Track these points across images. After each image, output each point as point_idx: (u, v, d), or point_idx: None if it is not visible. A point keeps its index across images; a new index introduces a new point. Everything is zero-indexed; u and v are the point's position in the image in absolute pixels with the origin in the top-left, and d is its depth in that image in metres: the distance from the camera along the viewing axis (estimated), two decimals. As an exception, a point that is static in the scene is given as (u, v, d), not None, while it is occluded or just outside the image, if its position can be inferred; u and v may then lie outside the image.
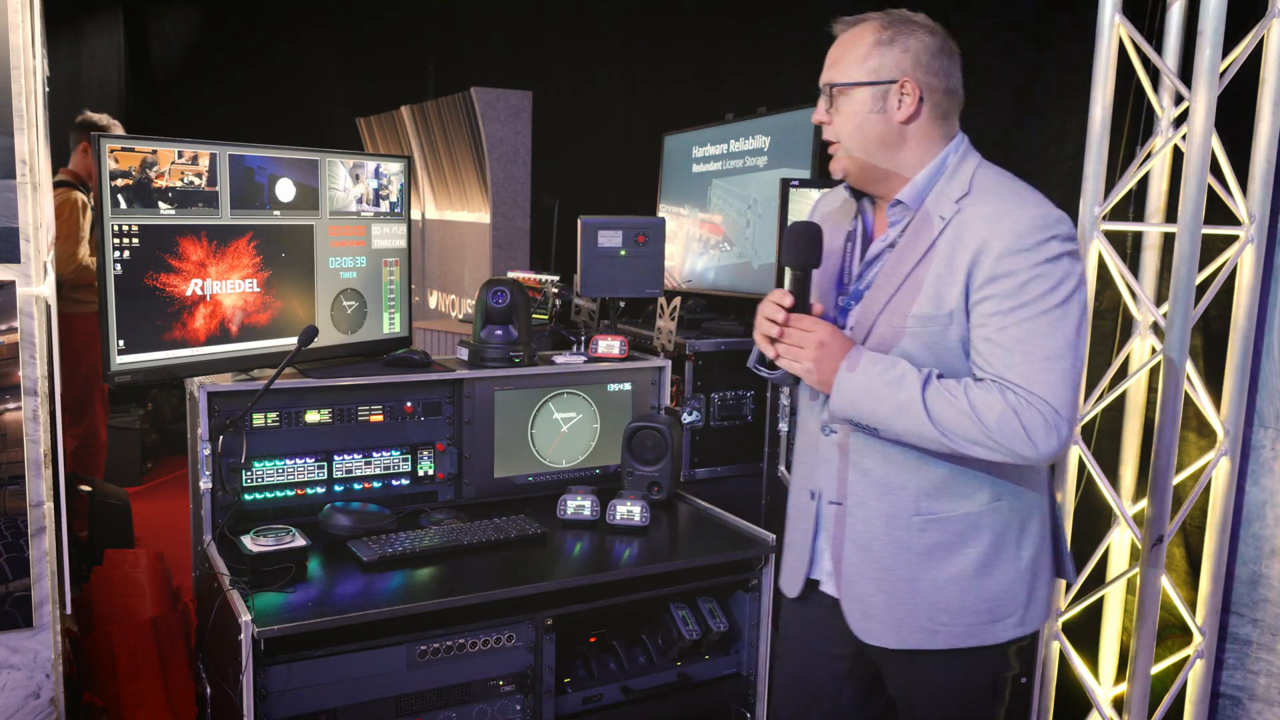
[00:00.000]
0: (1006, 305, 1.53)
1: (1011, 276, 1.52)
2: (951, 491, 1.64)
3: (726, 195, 4.03)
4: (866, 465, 1.67)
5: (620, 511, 2.37)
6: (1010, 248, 1.53)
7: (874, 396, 1.56)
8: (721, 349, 3.16)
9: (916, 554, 1.65)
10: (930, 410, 1.53)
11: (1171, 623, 2.65)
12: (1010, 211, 1.55)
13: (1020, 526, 1.67)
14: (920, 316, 1.59)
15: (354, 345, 2.59)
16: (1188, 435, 2.63)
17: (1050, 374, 1.51)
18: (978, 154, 1.68)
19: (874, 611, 1.68)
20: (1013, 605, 1.66)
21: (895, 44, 1.61)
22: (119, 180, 2.03)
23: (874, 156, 1.65)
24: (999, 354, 1.53)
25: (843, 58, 1.65)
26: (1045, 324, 1.52)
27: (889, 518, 1.66)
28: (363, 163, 2.56)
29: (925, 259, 1.60)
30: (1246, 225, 2.44)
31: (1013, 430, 1.50)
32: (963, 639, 1.66)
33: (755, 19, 4.52)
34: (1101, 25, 2.55)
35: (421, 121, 6.29)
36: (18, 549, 1.98)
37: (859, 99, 1.63)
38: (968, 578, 1.64)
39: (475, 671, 2.08)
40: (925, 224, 1.63)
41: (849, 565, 1.70)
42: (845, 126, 1.65)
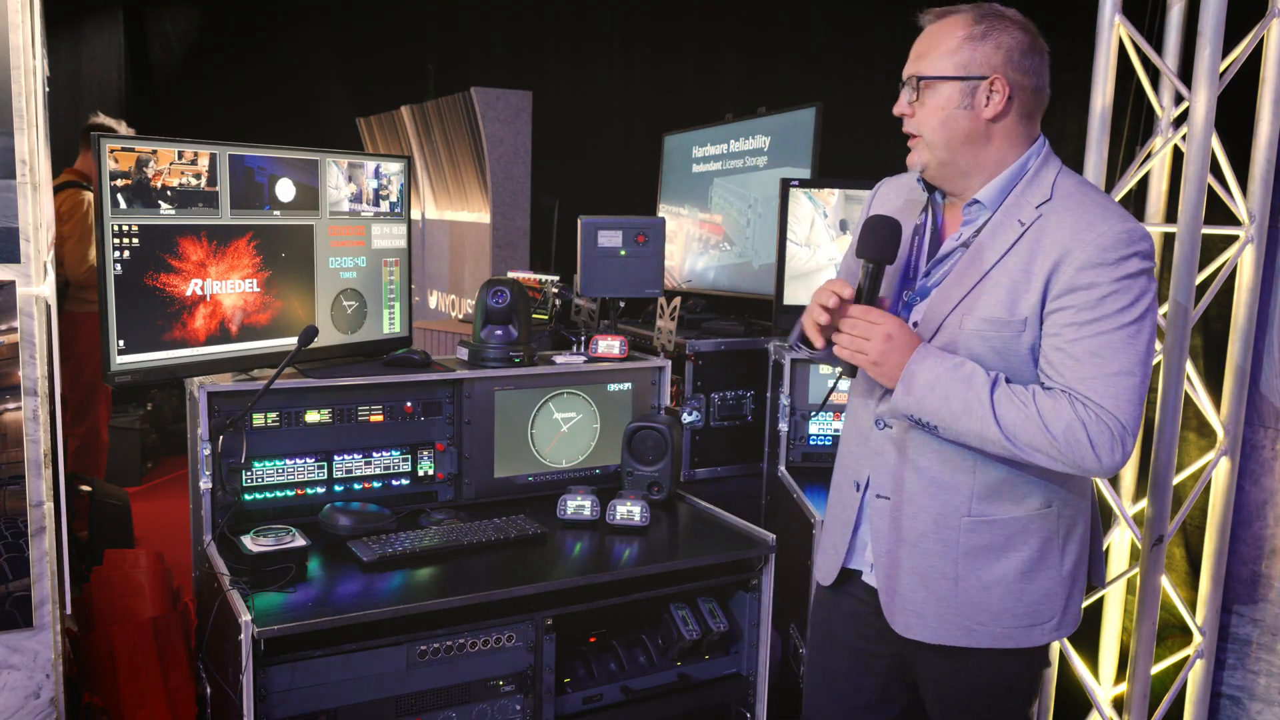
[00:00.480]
0: (1084, 317, 1.51)
1: (1092, 289, 1.51)
2: (1004, 495, 1.62)
3: (727, 195, 4.04)
4: (921, 463, 1.65)
5: (620, 511, 2.37)
6: (1093, 260, 1.51)
7: (939, 395, 1.55)
8: (721, 349, 3.16)
9: (963, 554, 1.64)
10: (998, 414, 1.52)
11: (1171, 623, 2.65)
12: (1095, 223, 1.53)
13: (1066, 533, 1.66)
14: (993, 320, 1.57)
15: (354, 345, 2.59)
16: (1188, 435, 2.63)
17: (1121, 389, 1.50)
18: (1058, 159, 1.66)
19: (913, 606, 1.68)
20: (1052, 610, 1.66)
21: (988, 39, 1.57)
22: (118, 180, 2.03)
23: (957, 153, 1.61)
24: (1071, 365, 1.52)
25: (931, 49, 1.60)
26: (1120, 339, 1.51)
27: (939, 517, 1.65)
28: (360, 162, 2.56)
29: (1002, 262, 1.58)
30: (1246, 225, 2.44)
31: (1078, 441, 1.49)
32: (1000, 640, 1.65)
33: (755, 19, 4.52)
34: (1101, 25, 2.55)
35: (421, 121, 6.29)
36: (18, 549, 1.98)
37: (947, 93, 1.59)
38: (1011, 581, 1.63)
39: (475, 671, 2.08)
40: (1003, 226, 1.60)
41: (892, 559, 1.69)
42: (930, 120, 1.60)
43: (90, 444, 4.35)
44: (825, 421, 2.86)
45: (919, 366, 1.56)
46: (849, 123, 3.57)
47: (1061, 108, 3.02)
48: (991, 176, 1.63)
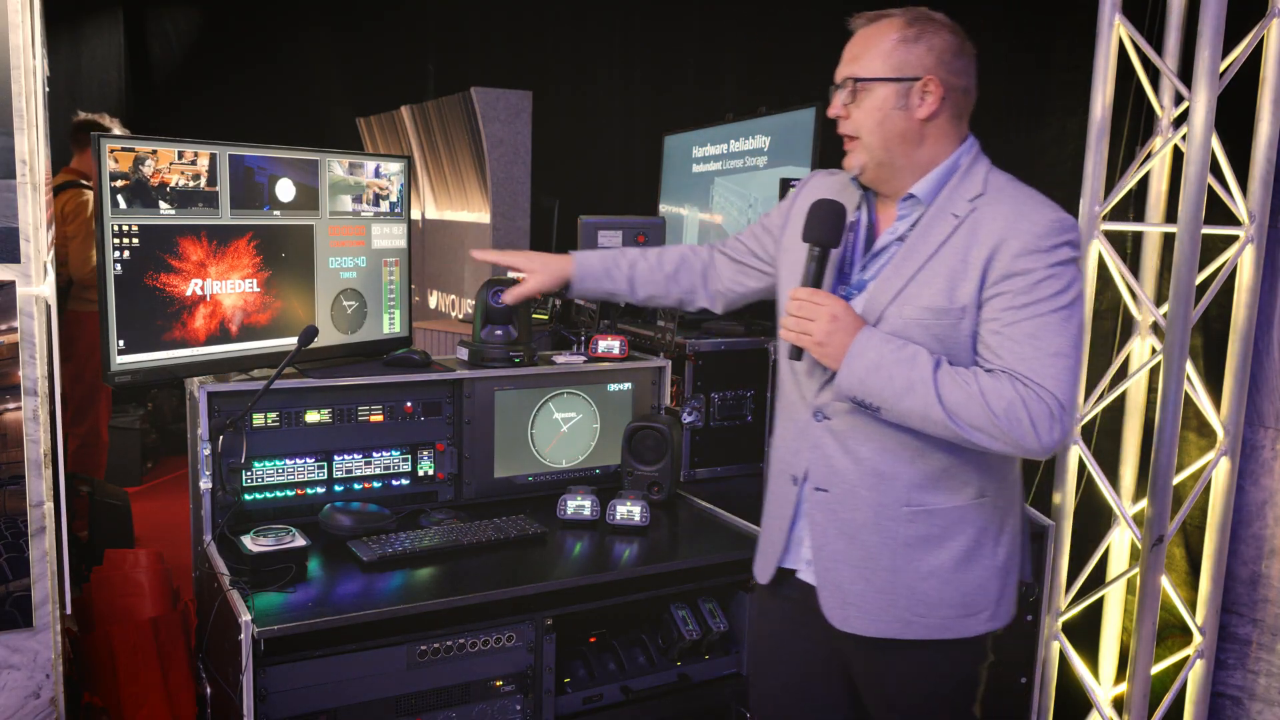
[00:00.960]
0: (1020, 301, 1.56)
1: (1028, 275, 1.56)
2: (943, 485, 1.66)
3: (727, 195, 4.03)
4: (861, 454, 1.68)
5: (620, 511, 2.37)
6: (1028, 247, 1.56)
7: (884, 374, 1.57)
8: (721, 349, 3.15)
9: (902, 544, 1.67)
10: (940, 391, 1.55)
11: (1171, 623, 2.65)
12: (1029, 213, 1.59)
13: (1000, 523, 1.71)
14: (933, 308, 1.61)
15: (354, 345, 2.59)
16: (1188, 435, 2.63)
17: (1058, 369, 1.54)
18: (986, 158, 1.71)
19: (852, 599, 1.70)
20: (986, 601, 1.70)
21: (920, 41, 1.63)
22: (117, 180, 2.03)
23: (893, 153, 1.66)
24: (1010, 347, 1.56)
25: (865, 53, 1.65)
26: (1055, 322, 1.55)
27: (879, 507, 1.67)
28: (360, 162, 2.56)
29: (939, 253, 1.63)
30: (1246, 225, 2.44)
31: (1019, 420, 1.52)
32: (937, 631, 1.68)
33: (755, 19, 4.52)
34: (1101, 25, 2.55)
35: (421, 121, 6.29)
36: (18, 549, 1.98)
37: (882, 95, 1.64)
38: (948, 571, 1.67)
39: (475, 671, 2.08)
40: (938, 220, 1.65)
41: (830, 552, 1.72)
42: (867, 122, 1.65)
43: (90, 444, 4.35)
44: (825, 421, 2.86)
45: (863, 346, 1.60)
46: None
47: (1062, 107, 3.02)
48: (924, 174, 1.68)
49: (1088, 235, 2.63)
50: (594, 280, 2.11)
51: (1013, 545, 1.73)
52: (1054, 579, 2.72)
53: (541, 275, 2.11)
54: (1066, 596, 2.77)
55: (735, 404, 3.19)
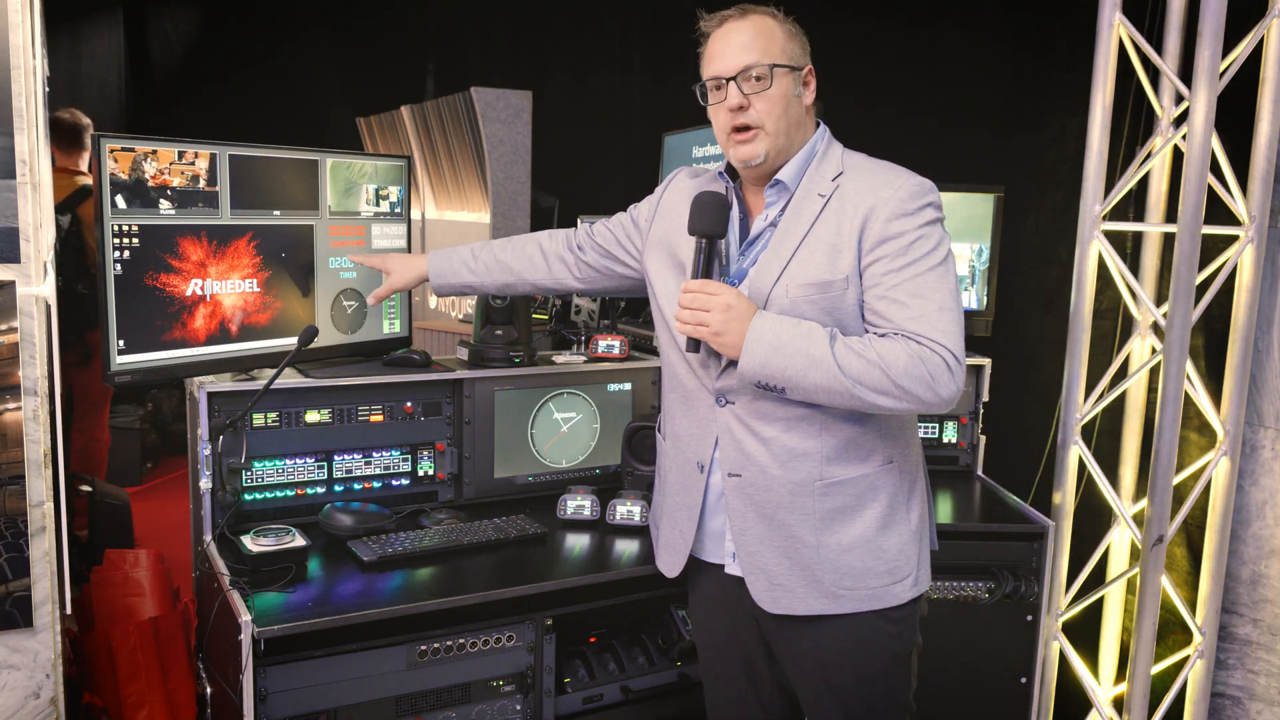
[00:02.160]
0: (898, 264, 1.63)
1: (900, 238, 1.63)
2: (851, 455, 1.70)
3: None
4: (768, 434, 1.70)
5: (620, 511, 2.37)
6: (895, 212, 1.64)
7: (785, 354, 1.60)
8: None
9: (820, 518, 1.70)
10: (840, 362, 1.58)
11: (1171, 623, 2.65)
12: (890, 181, 1.67)
13: (909, 488, 1.77)
14: (818, 283, 1.66)
15: (354, 345, 2.59)
16: (1188, 435, 2.63)
17: (946, 323, 1.60)
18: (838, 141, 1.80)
19: (779, 580, 1.73)
20: (908, 566, 1.75)
21: (797, 34, 1.74)
22: (118, 180, 2.03)
23: (791, 138, 1.73)
24: (896, 308, 1.62)
25: (759, 42, 1.69)
26: (934, 278, 1.62)
27: (794, 485, 1.70)
28: (361, 162, 2.55)
29: (812, 230, 1.69)
30: (1246, 225, 2.44)
31: (918, 376, 1.57)
32: (867, 602, 1.72)
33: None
34: (1101, 25, 2.55)
35: (421, 121, 6.29)
36: (18, 549, 1.98)
37: (787, 82, 1.70)
38: (870, 538, 1.71)
39: (475, 671, 2.08)
40: (805, 201, 1.71)
41: (752, 537, 1.74)
42: (774, 110, 1.69)
43: (96, 440, 4.37)
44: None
45: (759, 331, 1.62)
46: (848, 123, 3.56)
47: (1062, 108, 3.02)
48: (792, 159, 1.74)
49: (1088, 235, 2.63)
50: (451, 274, 2.20)
51: (923, 510, 1.79)
52: (1054, 579, 2.72)
53: (398, 275, 2.25)
54: (1066, 596, 2.77)
55: (735, 404, 3.19)
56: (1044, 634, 2.59)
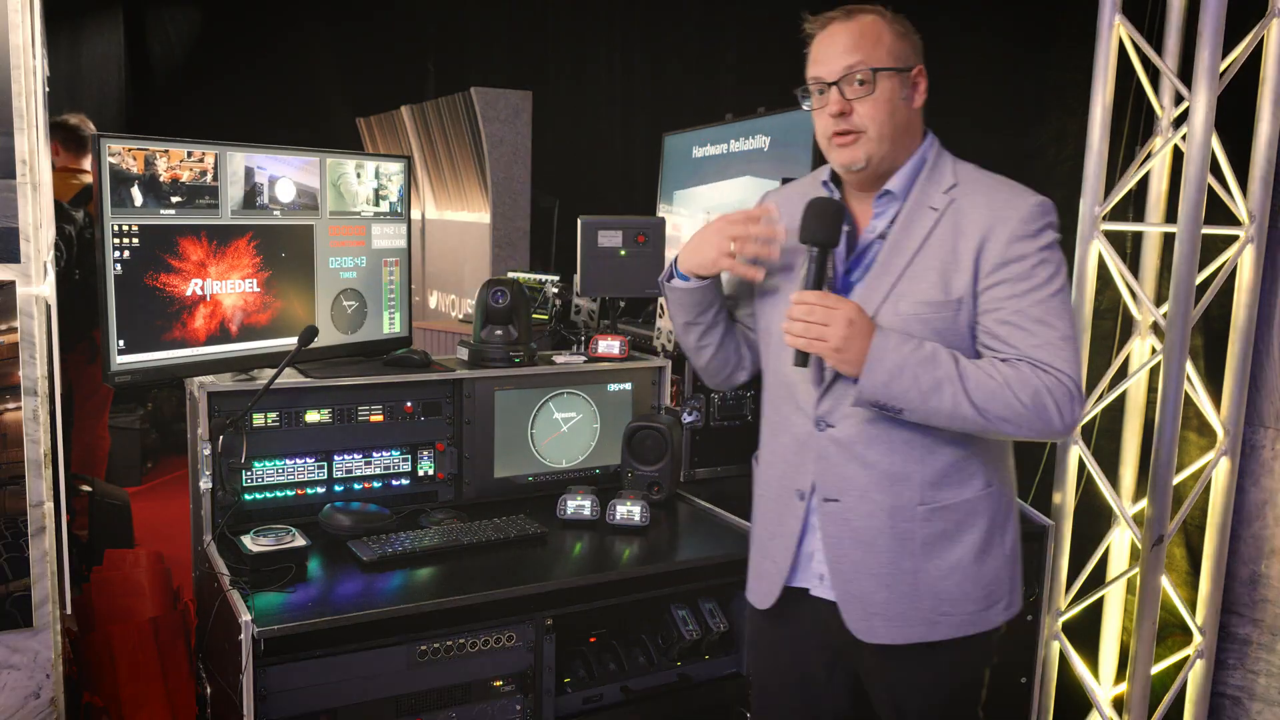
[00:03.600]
0: (1021, 288, 1.56)
1: (1022, 261, 1.57)
2: (954, 479, 1.65)
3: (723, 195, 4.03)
4: (871, 458, 1.64)
5: (620, 511, 2.37)
6: (1017, 234, 1.57)
7: (908, 377, 1.53)
8: (721, 349, 3.15)
9: (920, 545, 1.65)
10: (967, 387, 1.53)
11: (1171, 623, 2.65)
12: (1011, 200, 1.60)
13: (1005, 511, 1.72)
14: (930, 302, 1.60)
15: (354, 345, 2.59)
16: (1188, 435, 2.63)
17: (1068, 351, 1.56)
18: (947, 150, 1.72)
19: (875, 609, 1.67)
20: (1003, 590, 1.70)
21: (908, 34, 1.64)
22: (127, 174, 2.03)
23: (896, 144, 1.64)
24: (1020, 334, 1.56)
25: (863, 44, 1.60)
26: (1057, 305, 1.57)
27: (894, 510, 1.64)
28: (361, 162, 2.56)
29: (925, 247, 1.62)
30: (1246, 225, 2.44)
31: (1045, 405, 1.53)
32: (962, 628, 1.68)
33: (755, 19, 4.52)
34: (1101, 25, 2.55)
35: (421, 121, 6.29)
36: (18, 549, 1.98)
37: (893, 85, 1.61)
38: (968, 564, 1.66)
39: (475, 671, 2.08)
40: (917, 214, 1.64)
41: (849, 564, 1.68)
42: (879, 114, 1.60)
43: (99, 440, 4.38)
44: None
45: (882, 349, 1.55)
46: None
47: (1062, 108, 3.01)
48: (901, 167, 1.67)
49: (1088, 235, 2.63)
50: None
51: (1016, 533, 1.74)
52: (1054, 579, 2.72)
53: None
54: (1066, 596, 2.77)
55: (735, 404, 3.19)
56: (1044, 634, 2.59)
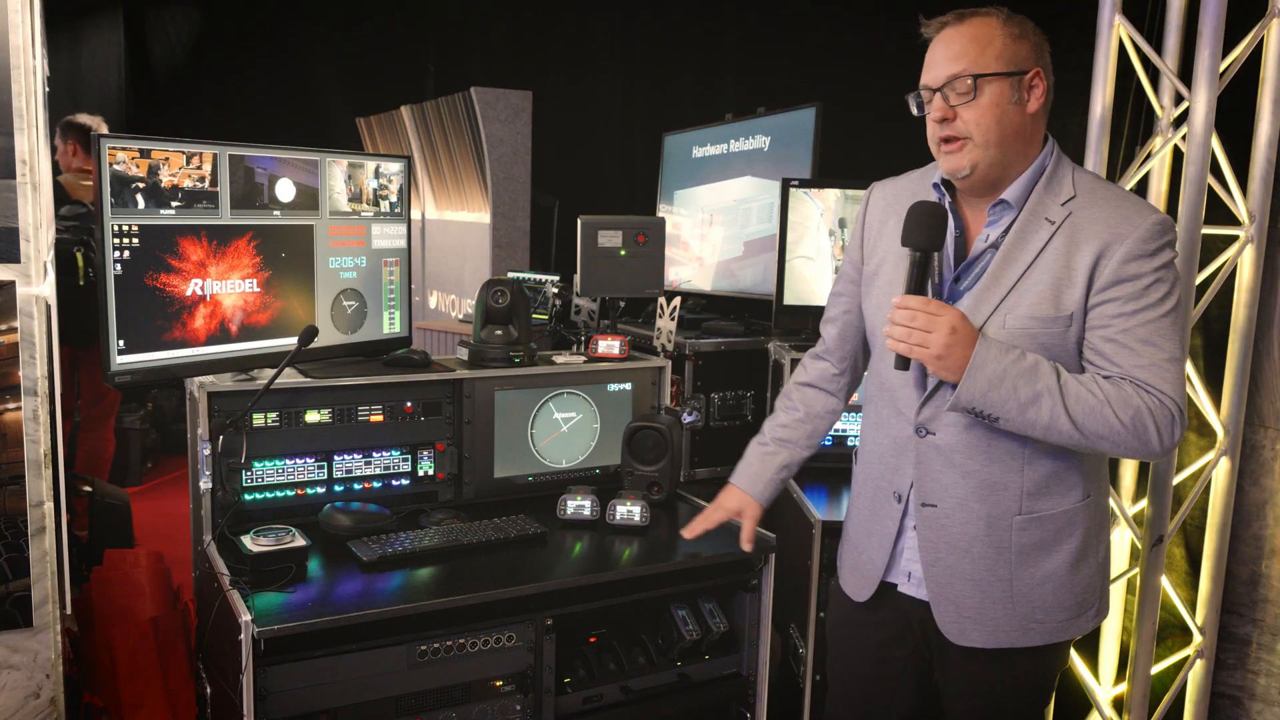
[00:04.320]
0: (1132, 307, 1.55)
1: (1137, 280, 1.55)
2: (1053, 490, 1.65)
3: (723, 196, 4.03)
4: (970, 467, 1.65)
5: (620, 511, 2.37)
6: (1134, 252, 1.55)
7: (1007, 387, 1.53)
8: (721, 349, 3.16)
9: (1015, 553, 1.66)
10: (1067, 403, 1.53)
11: (1171, 623, 2.65)
12: (1131, 216, 1.57)
13: (1101, 522, 1.73)
14: (1040, 318, 1.58)
15: (354, 345, 2.59)
16: (1188, 435, 2.63)
17: (1173, 373, 1.56)
18: (1067, 157, 1.68)
19: (968, 613, 1.69)
20: (1093, 598, 1.72)
21: (1025, 36, 1.60)
22: (133, 181, 2.03)
23: (1007, 150, 1.61)
24: (1126, 354, 1.56)
25: (972, 49, 1.58)
26: (1166, 326, 1.56)
27: (991, 519, 1.65)
28: (360, 162, 2.56)
29: (1039, 260, 1.59)
30: (1246, 225, 2.44)
31: (1145, 427, 1.53)
32: (1052, 635, 1.70)
33: (754, 19, 4.52)
34: (1101, 25, 2.55)
35: (421, 121, 6.29)
36: (18, 549, 1.98)
37: (1000, 89, 1.58)
38: (1063, 574, 1.67)
39: (475, 671, 2.08)
40: (1032, 225, 1.61)
41: (943, 568, 1.70)
42: (985, 119, 1.58)
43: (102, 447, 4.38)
44: (825, 421, 2.86)
45: (984, 358, 1.54)
46: (849, 123, 3.57)
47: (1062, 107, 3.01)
48: (1019, 175, 1.63)
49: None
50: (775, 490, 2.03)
51: (1108, 540, 1.76)
52: (1054, 579, 2.71)
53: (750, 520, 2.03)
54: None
55: (735, 404, 3.19)
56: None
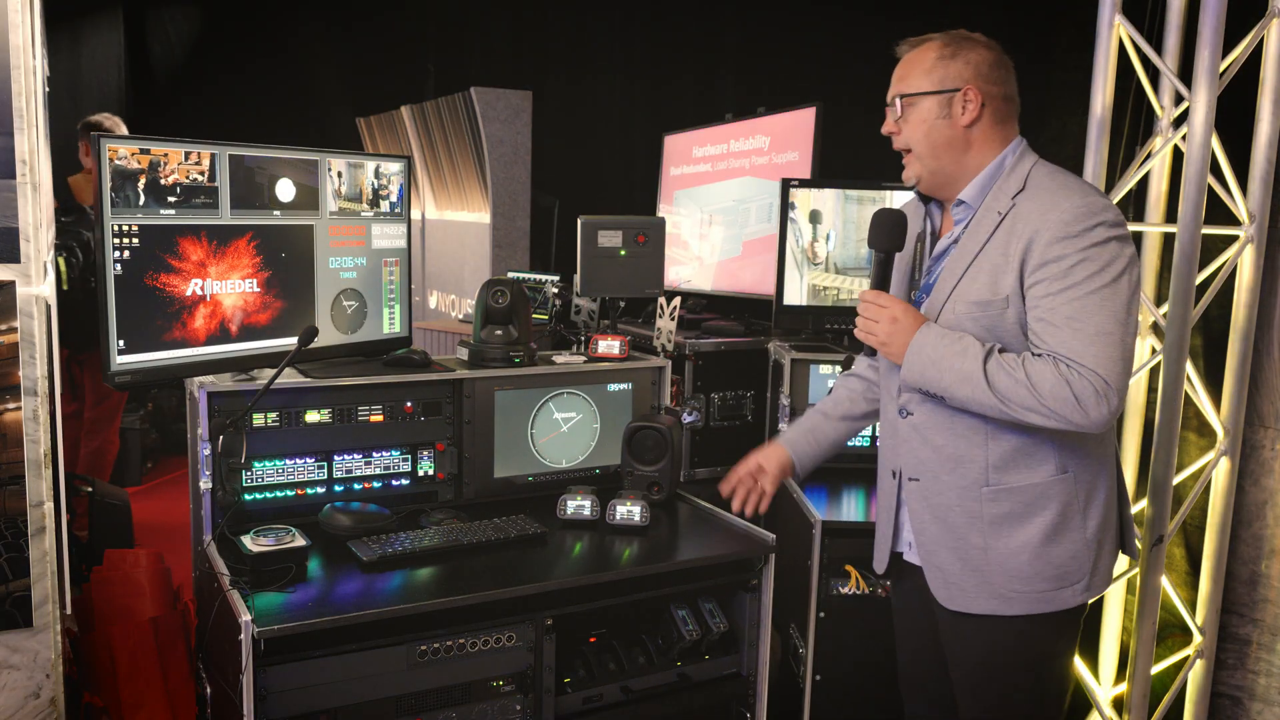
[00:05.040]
0: (1056, 287, 1.66)
1: (1060, 261, 1.66)
2: (1019, 464, 1.77)
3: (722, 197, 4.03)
4: (938, 442, 1.82)
5: (620, 511, 2.37)
6: (1058, 235, 1.66)
7: (940, 367, 1.72)
8: (721, 349, 3.16)
9: (988, 523, 1.79)
10: (990, 379, 1.67)
11: (1171, 623, 2.65)
12: (1059, 202, 1.69)
13: (1086, 497, 1.79)
14: (979, 303, 1.75)
15: (354, 345, 2.59)
16: (1188, 435, 2.63)
17: (1099, 347, 1.63)
18: (1035, 154, 1.82)
19: (953, 579, 1.83)
20: (1079, 572, 1.78)
21: (957, 58, 1.78)
22: (135, 179, 2.03)
23: (941, 160, 1.80)
24: (1051, 331, 1.67)
25: (910, 72, 1.81)
26: (1094, 303, 1.64)
27: (961, 489, 1.80)
28: (360, 162, 2.56)
29: (984, 250, 1.76)
30: (1246, 225, 2.44)
31: (1064, 399, 1.62)
32: (1036, 604, 1.78)
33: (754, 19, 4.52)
34: (1101, 25, 2.55)
35: (421, 121, 6.29)
36: (18, 549, 1.98)
37: (927, 107, 1.78)
38: (1037, 544, 1.76)
39: (475, 671, 2.08)
40: (985, 219, 1.78)
41: (929, 536, 1.86)
42: (915, 134, 1.80)
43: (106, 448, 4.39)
44: (825, 421, 2.86)
45: (920, 343, 1.75)
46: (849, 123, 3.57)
47: (1062, 107, 3.02)
48: (973, 178, 1.81)
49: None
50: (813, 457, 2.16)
51: (1105, 517, 1.81)
52: (1054, 579, 2.71)
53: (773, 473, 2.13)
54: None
55: (735, 404, 3.19)
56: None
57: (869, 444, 2.86)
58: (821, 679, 2.50)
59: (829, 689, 2.50)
